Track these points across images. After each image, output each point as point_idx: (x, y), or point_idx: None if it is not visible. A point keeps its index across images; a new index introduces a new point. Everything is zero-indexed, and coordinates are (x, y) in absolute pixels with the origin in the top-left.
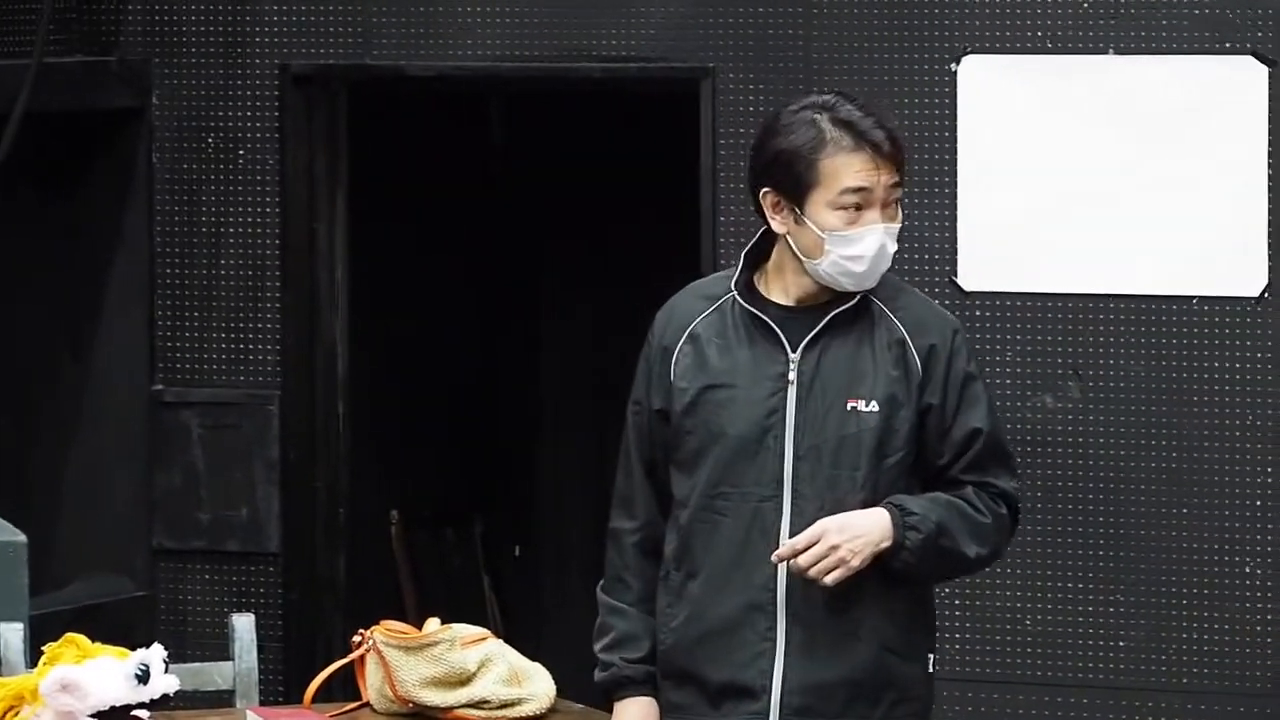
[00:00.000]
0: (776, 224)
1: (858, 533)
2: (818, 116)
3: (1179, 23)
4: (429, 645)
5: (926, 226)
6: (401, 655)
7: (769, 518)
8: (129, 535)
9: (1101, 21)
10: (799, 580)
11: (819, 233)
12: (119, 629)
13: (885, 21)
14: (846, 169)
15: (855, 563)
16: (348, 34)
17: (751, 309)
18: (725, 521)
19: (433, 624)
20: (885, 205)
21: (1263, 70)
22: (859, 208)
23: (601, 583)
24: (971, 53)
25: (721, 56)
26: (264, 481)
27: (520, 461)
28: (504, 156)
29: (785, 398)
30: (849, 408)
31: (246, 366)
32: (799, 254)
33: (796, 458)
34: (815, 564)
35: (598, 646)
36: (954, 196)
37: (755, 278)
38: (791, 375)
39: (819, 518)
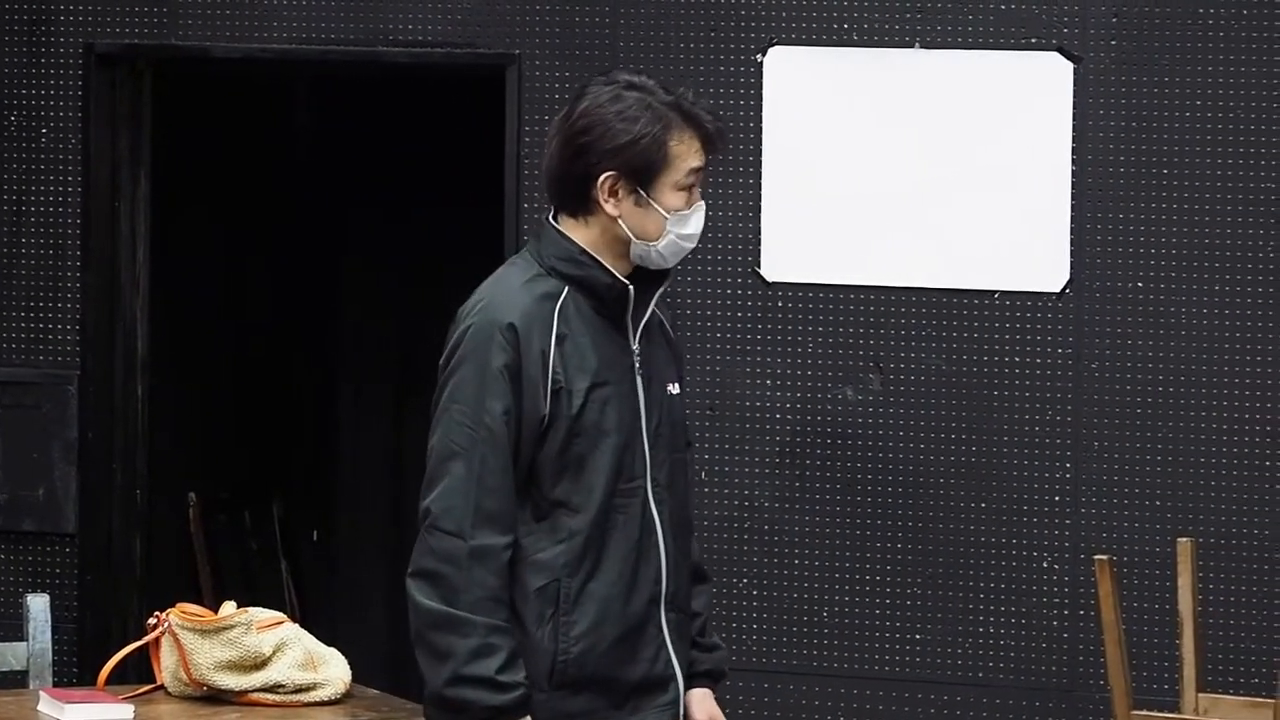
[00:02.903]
0: (610, 207)
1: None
2: (648, 99)
3: (985, 18)
4: (224, 628)
5: (730, 217)
6: (197, 638)
7: (649, 510)
8: None
9: (908, 15)
10: (672, 566)
11: (664, 213)
12: None
13: (692, 11)
14: (689, 151)
15: None
16: (153, 14)
17: (626, 299)
18: (626, 520)
19: (229, 607)
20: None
21: (1068, 66)
22: (691, 188)
23: (460, 602)
24: (778, 44)
25: (527, 43)
26: (62, 462)
27: (319, 446)
28: (308, 139)
29: (637, 387)
30: (668, 392)
31: (46, 346)
32: (631, 236)
33: (650, 448)
34: None
35: (489, 669)
36: (758, 188)
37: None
38: (636, 364)
39: (673, 504)
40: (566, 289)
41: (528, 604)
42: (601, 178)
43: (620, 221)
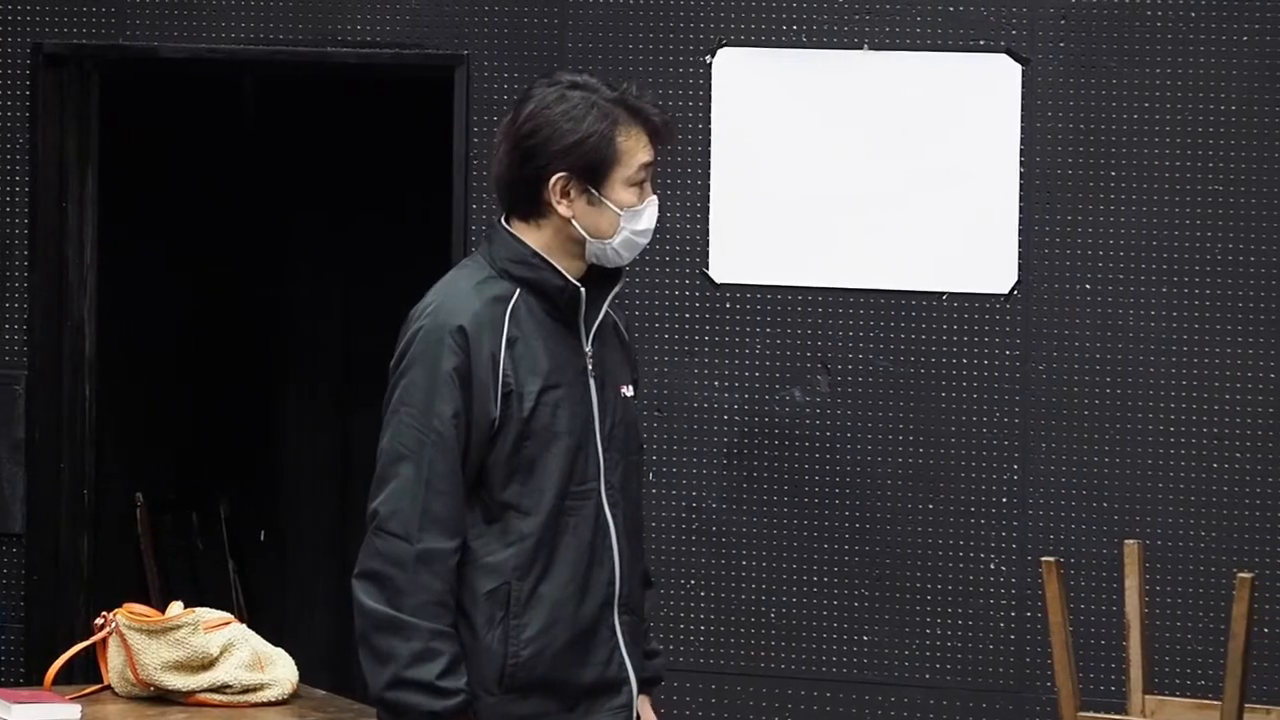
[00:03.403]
0: (563, 208)
1: None
2: (593, 97)
3: (933, 19)
4: (171, 629)
5: (679, 218)
6: (143, 638)
7: (603, 514)
8: None
9: (856, 17)
10: (625, 569)
11: (617, 210)
12: None
13: (640, 12)
14: (638, 146)
15: None
16: (101, 14)
17: (578, 301)
18: (577, 522)
19: (176, 607)
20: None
21: (1016, 68)
22: (643, 183)
23: (404, 605)
24: (727, 45)
25: (476, 44)
26: (9, 462)
27: (266, 446)
28: (256, 139)
29: (589, 390)
30: (622, 394)
31: None
32: (585, 235)
33: (604, 451)
34: None
35: (429, 674)
36: (707, 189)
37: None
38: (589, 367)
39: (626, 507)
40: (518, 291)
41: (477, 607)
42: (552, 179)
43: (574, 222)
